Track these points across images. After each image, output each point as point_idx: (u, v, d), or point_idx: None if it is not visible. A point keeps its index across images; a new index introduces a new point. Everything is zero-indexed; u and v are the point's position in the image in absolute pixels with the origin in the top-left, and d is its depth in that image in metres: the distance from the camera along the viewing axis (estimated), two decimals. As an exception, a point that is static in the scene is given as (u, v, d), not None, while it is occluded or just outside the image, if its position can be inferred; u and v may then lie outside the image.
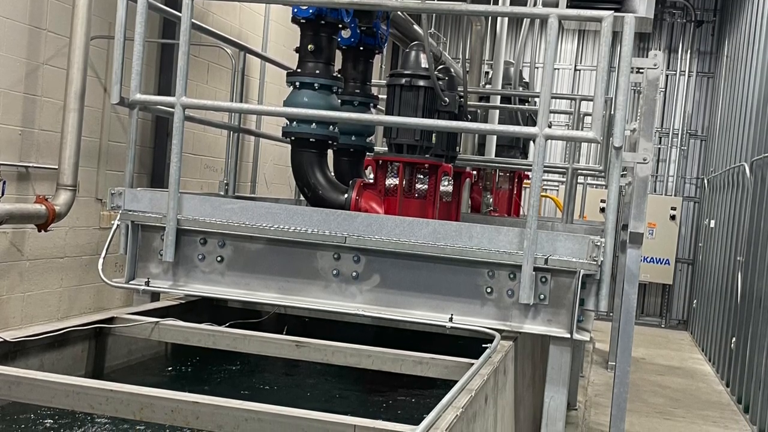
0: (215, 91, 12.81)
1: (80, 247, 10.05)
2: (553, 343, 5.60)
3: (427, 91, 7.20)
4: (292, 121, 6.89)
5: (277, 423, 3.79)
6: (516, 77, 12.73)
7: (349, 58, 7.92)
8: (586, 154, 21.56)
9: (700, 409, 12.76)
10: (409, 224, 5.65)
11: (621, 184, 8.68)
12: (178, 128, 5.89)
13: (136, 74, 5.95)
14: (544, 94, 5.37)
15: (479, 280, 5.62)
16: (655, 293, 22.16)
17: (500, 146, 11.96)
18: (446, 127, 6.85)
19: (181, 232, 5.93)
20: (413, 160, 7.13)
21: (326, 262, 5.81)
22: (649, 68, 8.02)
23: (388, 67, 19.08)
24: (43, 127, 9.22)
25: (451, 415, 3.76)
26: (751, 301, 12.55)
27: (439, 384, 5.48)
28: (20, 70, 8.89)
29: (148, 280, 6.06)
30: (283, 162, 13.61)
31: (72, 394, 4.01)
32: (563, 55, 22.88)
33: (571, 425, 10.12)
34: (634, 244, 8.12)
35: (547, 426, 5.66)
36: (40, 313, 9.46)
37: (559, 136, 5.79)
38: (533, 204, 5.39)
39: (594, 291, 5.54)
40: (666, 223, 21.30)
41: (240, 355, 5.97)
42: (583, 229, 10.06)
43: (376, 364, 5.25)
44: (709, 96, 22.01)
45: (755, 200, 12.98)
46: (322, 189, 6.99)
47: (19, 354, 4.64)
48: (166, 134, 11.08)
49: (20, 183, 8.94)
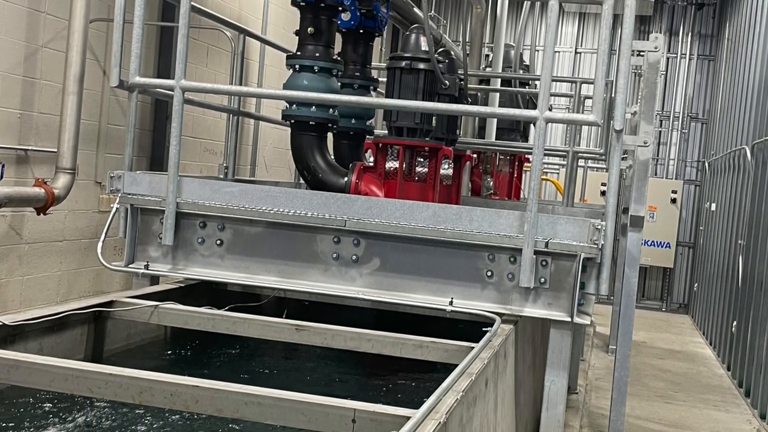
0: (215, 74, 12.77)
1: (79, 231, 10.04)
2: (554, 326, 5.59)
3: (428, 74, 7.18)
4: (292, 104, 6.88)
5: (277, 407, 3.79)
6: (516, 60, 12.71)
7: (349, 41, 7.90)
8: (586, 138, 21.53)
9: (701, 393, 12.77)
10: (409, 207, 5.63)
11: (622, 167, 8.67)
12: (177, 111, 5.87)
13: (136, 57, 5.92)
14: (544, 77, 5.35)
15: (479, 263, 5.61)
16: (655, 277, 22.15)
17: (501, 129, 11.93)
18: (446, 110, 6.83)
19: (181, 215, 5.91)
20: (413, 144, 7.11)
21: (326, 245, 5.80)
22: (649, 51, 7.97)
23: (388, 50, 19.03)
24: (42, 110, 9.20)
25: (451, 399, 3.75)
26: (752, 285, 12.54)
27: (439, 368, 5.48)
28: (19, 53, 8.86)
29: (148, 263, 6.04)
30: (283, 145, 13.59)
31: (71, 378, 4.01)
32: (564, 38, 22.82)
33: (572, 409, 10.11)
34: (635, 227, 8.10)
35: (548, 410, 5.65)
36: (39, 296, 9.46)
37: (559, 119, 5.78)
38: (534, 187, 5.37)
39: (594, 274, 5.53)
40: (667, 207, 21.28)
41: (240, 338, 5.97)
42: (583, 212, 10.05)
43: (376, 347, 5.24)
44: (710, 79, 21.96)
45: (756, 183, 12.95)
46: (321, 172, 6.97)
47: (18, 338, 4.63)
48: (166, 117, 11.04)
49: (19, 166, 8.92)
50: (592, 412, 10.75)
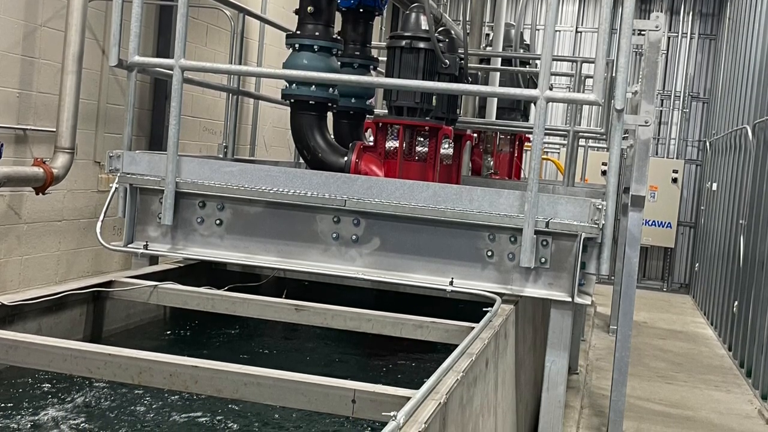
0: (214, 53, 12.73)
1: (78, 210, 10.01)
2: (555, 306, 5.58)
3: (428, 54, 7.15)
4: (292, 84, 6.86)
5: (277, 387, 3.79)
6: (517, 39, 12.68)
7: (349, 20, 7.87)
8: (587, 117, 21.48)
9: (702, 374, 12.77)
10: (410, 187, 5.61)
11: (623, 146, 8.63)
12: (176, 91, 5.84)
13: (135, 36, 5.90)
14: (545, 56, 5.32)
15: (480, 243, 5.59)
16: (656, 257, 22.14)
17: (501, 109, 11.91)
18: (447, 90, 6.81)
19: (180, 195, 5.89)
20: (413, 123, 7.08)
21: (326, 225, 5.78)
22: (650, 30, 7.95)
23: (388, 29, 18.96)
24: (41, 90, 9.16)
25: (451, 379, 3.75)
26: (754, 265, 12.53)
27: (439, 348, 5.48)
28: (18, 32, 8.82)
29: (147, 243, 6.03)
30: (283, 125, 13.54)
31: (70, 359, 4.01)
32: (564, 17, 22.75)
33: (573, 389, 10.12)
34: (636, 207, 8.09)
35: (548, 390, 5.64)
36: (38, 276, 9.44)
37: (560, 99, 5.77)
38: (534, 167, 5.35)
39: (595, 254, 5.51)
40: (668, 186, 21.24)
41: (239, 318, 5.96)
42: (584, 192, 10.04)
43: (376, 328, 5.24)
44: (712, 58, 21.90)
45: (757, 163, 12.93)
46: (321, 152, 6.95)
47: (17, 318, 4.63)
48: (165, 97, 10.99)
49: (18, 146, 8.89)
50: (593, 393, 10.76)
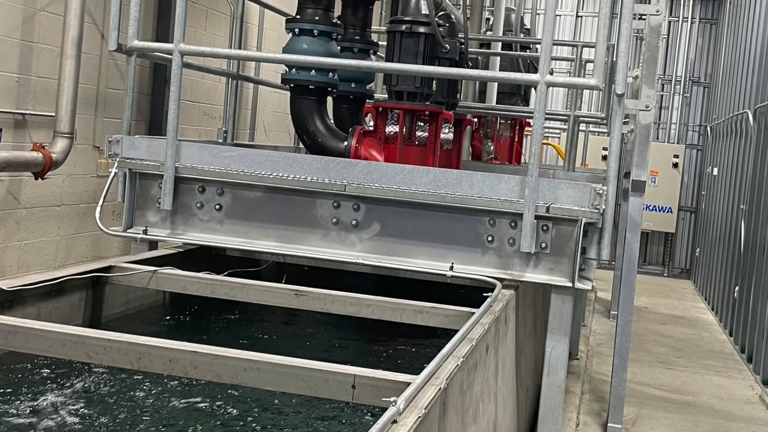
0: (213, 37, 12.69)
1: (77, 195, 9.99)
2: (555, 292, 5.57)
3: (428, 38, 7.13)
4: (292, 68, 6.85)
5: (276, 373, 3.78)
6: (517, 24, 12.64)
7: (349, 4, 7.85)
8: (587, 102, 21.42)
9: (703, 359, 12.77)
10: (410, 172, 5.60)
11: (623, 131, 8.61)
12: (176, 75, 5.83)
13: (134, 21, 5.88)
14: (545, 40, 5.30)
15: (480, 228, 5.58)
16: (657, 242, 22.14)
17: (501, 93, 11.86)
18: (447, 74, 6.78)
19: (180, 180, 5.88)
20: (413, 108, 7.07)
21: (326, 210, 5.77)
22: (651, 14, 7.92)
23: (388, 14, 18.90)
24: (40, 74, 9.13)
25: (451, 364, 3.74)
26: (755, 250, 12.52)
27: (439, 333, 5.47)
28: (17, 16, 8.79)
29: (146, 228, 6.02)
30: (282, 109, 13.53)
31: (69, 344, 4.01)
32: (565, 2, 22.71)
33: (573, 375, 10.13)
34: (637, 192, 8.08)
35: (549, 375, 5.64)
36: (37, 261, 9.43)
37: (560, 83, 5.72)
38: (534, 152, 5.33)
39: (596, 239, 5.50)
40: (668, 171, 21.22)
41: (239, 304, 5.95)
42: (584, 176, 10.01)
43: (376, 313, 5.23)
44: (712, 43, 21.87)
45: (758, 148, 12.91)
46: (321, 136, 6.94)
47: (16, 303, 4.62)
48: (164, 81, 10.97)
49: (17, 130, 8.87)
50: (594, 378, 10.76)
